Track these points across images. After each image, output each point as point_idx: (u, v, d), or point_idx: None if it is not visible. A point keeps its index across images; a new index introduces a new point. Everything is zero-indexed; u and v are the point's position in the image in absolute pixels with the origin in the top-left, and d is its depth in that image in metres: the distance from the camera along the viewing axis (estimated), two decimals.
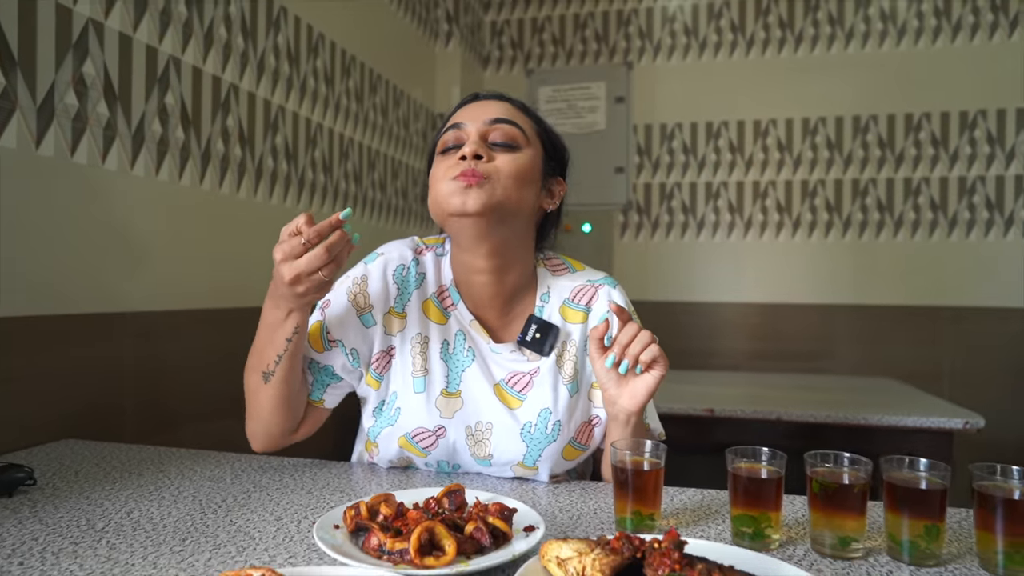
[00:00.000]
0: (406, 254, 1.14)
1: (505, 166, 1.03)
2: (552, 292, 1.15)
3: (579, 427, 1.11)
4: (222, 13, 1.80)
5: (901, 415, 1.88)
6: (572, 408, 1.10)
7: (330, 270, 0.91)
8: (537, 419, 1.07)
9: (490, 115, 1.07)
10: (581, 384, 1.12)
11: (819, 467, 0.84)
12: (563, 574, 0.67)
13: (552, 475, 1.10)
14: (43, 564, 0.73)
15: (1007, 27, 3.06)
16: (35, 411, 1.31)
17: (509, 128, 1.07)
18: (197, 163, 1.72)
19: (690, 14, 3.45)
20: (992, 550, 0.77)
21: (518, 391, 1.10)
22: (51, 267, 1.35)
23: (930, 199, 3.16)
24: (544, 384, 1.09)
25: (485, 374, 1.10)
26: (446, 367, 1.10)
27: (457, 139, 1.07)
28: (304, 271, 0.90)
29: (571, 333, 1.13)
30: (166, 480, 1.06)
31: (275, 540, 0.82)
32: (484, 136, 1.05)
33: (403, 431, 1.08)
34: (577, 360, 1.12)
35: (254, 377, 1.04)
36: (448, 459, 1.10)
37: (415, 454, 1.09)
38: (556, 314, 1.13)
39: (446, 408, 1.08)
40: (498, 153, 1.05)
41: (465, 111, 1.11)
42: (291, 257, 0.90)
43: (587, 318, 1.14)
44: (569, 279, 1.17)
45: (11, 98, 1.26)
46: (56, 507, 0.92)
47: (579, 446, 1.11)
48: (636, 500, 0.87)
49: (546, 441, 1.07)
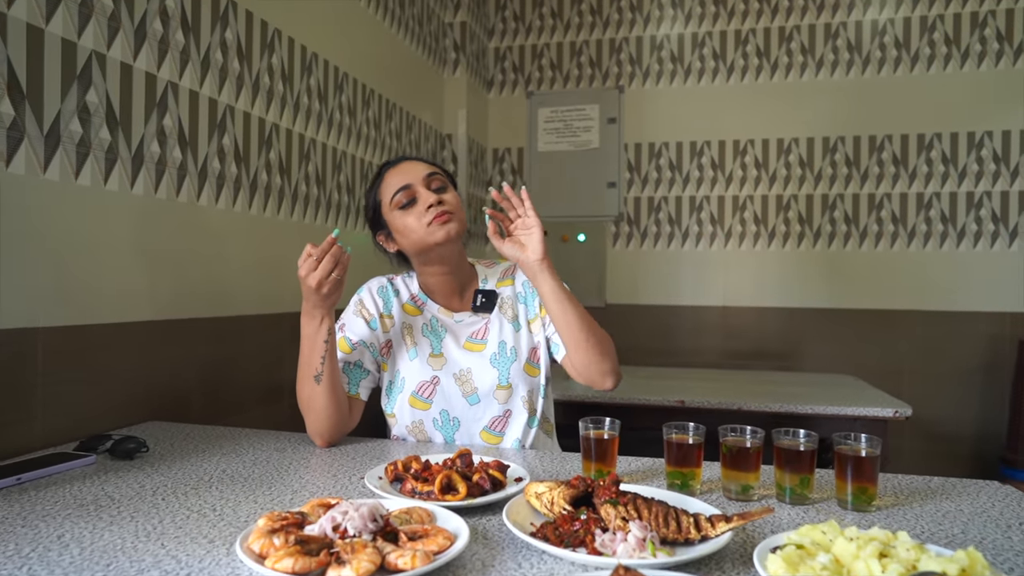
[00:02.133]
0: (383, 280, 1.58)
1: (453, 200, 1.46)
2: (489, 277, 1.60)
3: (529, 350, 1.52)
4: (267, 63, 2.12)
5: (843, 405, 2.20)
6: (521, 338, 1.52)
7: (339, 271, 1.29)
8: (498, 349, 1.50)
9: (422, 171, 1.47)
10: (520, 321, 1.54)
11: (728, 436, 1.16)
12: (539, 504, 0.98)
13: (528, 401, 1.48)
14: (176, 502, 1.05)
15: (959, 59, 3.37)
16: (128, 398, 1.63)
17: (440, 176, 1.49)
18: (233, 188, 2.05)
19: (676, 43, 3.77)
20: (845, 493, 1.08)
21: (479, 339, 1.52)
22: (140, 280, 1.67)
23: (891, 213, 3.48)
24: (495, 328, 1.52)
25: (455, 339, 1.52)
26: (428, 339, 1.52)
27: (409, 195, 1.44)
28: (322, 277, 1.27)
29: (505, 292, 1.56)
30: (241, 449, 1.38)
31: (336, 487, 1.14)
32: (428, 186, 1.45)
33: (409, 391, 1.47)
34: (513, 306, 1.54)
35: (307, 385, 1.37)
36: (447, 407, 1.47)
37: (422, 408, 1.47)
38: (495, 287, 1.57)
39: (435, 364, 1.50)
40: (441, 195, 1.45)
41: (398, 174, 1.48)
42: (310, 271, 1.27)
43: (514, 282, 1.58)
44: (498, 267, 1.62)
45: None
46: (169, 467, 1.24)
47: (535, 364, 1.52)
48: (597, 461, 1.19)
49: (510, 361, 1.49)
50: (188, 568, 0.80)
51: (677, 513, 0.89)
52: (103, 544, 0.86)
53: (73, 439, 1.43)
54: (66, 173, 1.47)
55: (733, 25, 3.68)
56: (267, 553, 0.77)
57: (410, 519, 0.90)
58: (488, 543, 0.90)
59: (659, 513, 0.89)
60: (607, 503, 0.91)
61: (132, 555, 0.83)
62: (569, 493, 0.97)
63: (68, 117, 1.48)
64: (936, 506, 1.08)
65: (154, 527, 0.93)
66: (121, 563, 0.81)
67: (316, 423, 1.40)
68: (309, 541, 0.79)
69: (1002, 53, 3.33)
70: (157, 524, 0.94)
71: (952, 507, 1.07)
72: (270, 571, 0.74)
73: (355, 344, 1.48)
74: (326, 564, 0.76)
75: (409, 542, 0.82)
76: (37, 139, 1.41)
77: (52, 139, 1.44)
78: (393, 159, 1.55)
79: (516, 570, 0.81)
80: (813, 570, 0.75)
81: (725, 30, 3.69)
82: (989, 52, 3.34)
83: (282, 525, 0.83)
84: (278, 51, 2.21)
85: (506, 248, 1.39)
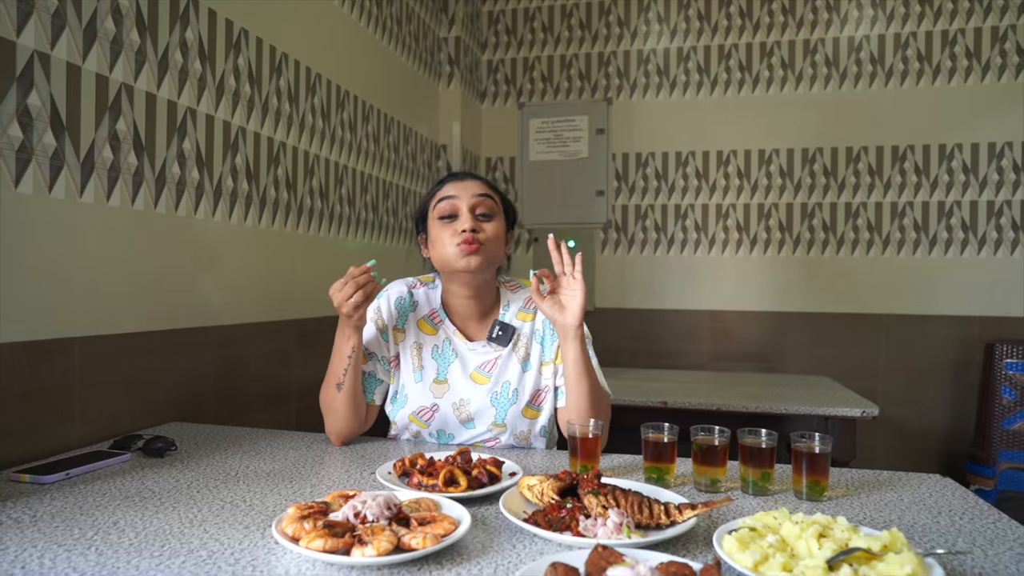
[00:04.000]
0: (403, 289, 1.60)
1: (492, 232, 1.47)
2: (511, 303, 1.59)
3: (533, 393, 1.54)
4: (275, 85, 2.26)
5: (815, 406, 2.35)
6: (526, 380, 1.54)
7: (358, 297, 1.37)
8: (501, 388, 1.53)
9: (474, 191, 1.48)
10: (532, 363, 1.55)
11: (699, 435, 1.30)
12: (531, 494, 1.12)
13: (520, 436, 1.55)
14: (210, 494, 1.18)
15: (931, 75, 3.53)
16: (152, 401, 1.76)
17: (489, 202, 1.49)
18: (244, 204, 2.18)
19: (662, 57, 3.91)
20: (800, 485, 1.23)
21: (486, 371, 1.54)
22: (174, 291, 1.80)
23: (867, 221, 3.64)
24: (505, 365, 1.54)
25: (464, 366, 1.55)
26: (436, 363, 1.56)
27: (453, 208, 1.46)
28: (342, 300, 1.37)
29: (524, 328, 1.57)
30: (259, 448, 1.51)
31: (350, 481, 1.28)
32: (473, 208, 1.46)
33: (410, 410, 1.55)
34: (528, 345, 1.55)
35: (330, 391, 1.49)
36: (444, 429, 1.56)
37: (420, 426, 1.57)
38: (515, 318, 1.58)
39: (437, 391, 1.54)
40: (483, 223, 1.47)
41: (453, 186, 1.51)
42: (336, 291, 1.38)
43: (534, 317, 1.58)
44: (522, 292, 1.61)
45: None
46: (197, 463, 1.38)
47: (535, 407, 1.55)
48: (583, 458, 1.33)
49: (509, 403, 1.52)
50: (231, 549, 0.93)
51: (650, 502, 1.04)
52: (154, 529, 1.00)
53: (106, 439, 1.56)
54: (99, 196, 1.60)
55: (717, 40, 3.83)
56: (299, 536, 0.91)
57: (419, 508, 1.05)
58: (487, 528, 1.04)
59: (634, 502, 1.03)
60: (590, 493, 1.05)
61: (181, 538, 0.97)
62: (557, 485, 1.11)
63: (100, 145, 1.60)
64: (880, 496, 1.23)
65: (194, 515, 1.06)
66: (173, 545, 0.94)
67: (334, 424, 1.52)
68: (335, 525, 0.93)
69: (971, 70, 3.49)
70: (196, 513, 1.08)
71: (894, 497, 1.22)
72: (305, 549, 0.88)
73: (369, 354, 1.55)
74: (350, 544, 0.89)
75: (419, 526, 0.96)
76: (75, 166, 1.54)
77: (87, 165, 1.57)
78: (461, 172, 1.55)
79: (511, 550, 0.95)
80: (761, 548, 0.89)
81: (709, 45, 3.84)
82: (959, 68, 3.50)
83: (309, 512, 0.96)
84: (285, 73, 2.34)
85: (545, 306, 1.40)
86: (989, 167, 3.47)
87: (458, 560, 0.91)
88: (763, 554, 0.87)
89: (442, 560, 0.91)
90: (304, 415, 2.35)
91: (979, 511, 1.14)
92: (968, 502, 1.19)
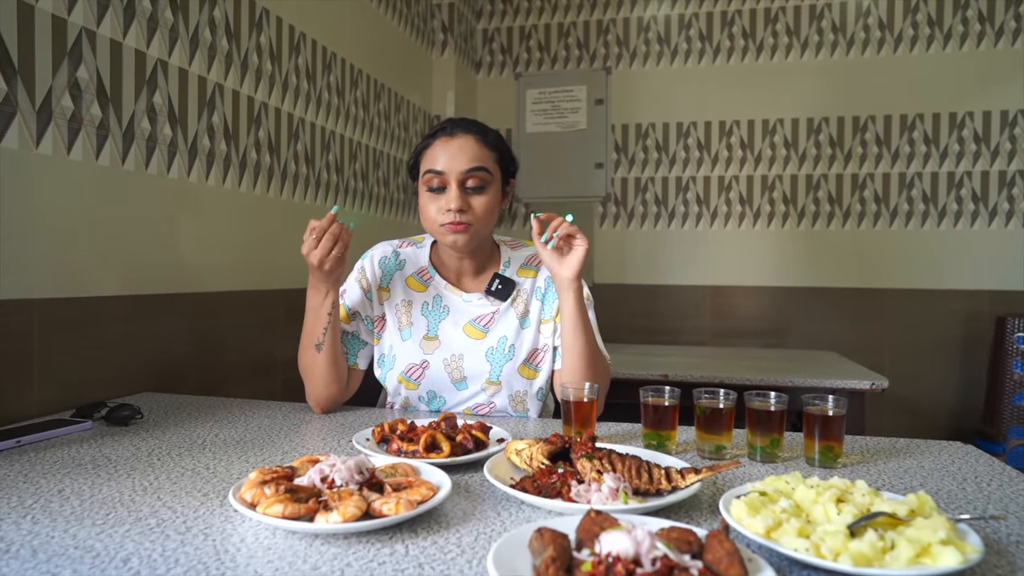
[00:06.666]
0: (387, 249, 1.54)
1: (480, 208, 1.38)
2: (512, 260, 1.53)
3: (530, 351, 1.47)
4: (256, 42, 2.14)
5: (822, 378, 2.26)
6: (524, 336, 1.47)
7: (339, 248, 1.29)
8: (497, 344, 1.46)
9: (464, 164, 1.36)
10: (532, 320, 1.49)
11: (702, 399, 1.21)
12: (519, 460, 1.03)
13: (516, 398, 1.47)
14: (171, 462, 1.09)
15: (941, 40, 3.41)
16: (122, 369, 1.67)
17: (481, 173, 1.37)
18: (223, 166, 2.07)
19: (663, 24, 3.79)
20: (812, 451, 1.14)
21: (482, 326, 1.48)
22: (147, 254, 1.70)
23: (874, 193, 3.53)
24: (502, 320, 1.48)
25: (457, 320, 1.48)
26: (426, 320, 1.49)
27: (440, 182, 1.37)
28: (323, 255, 1.29)
29: (525, 284, 1.50)
30: (234, 416, 1.42)
31: (324, 448, 1.18)
32: (462, 183, 1.36)
33: (399, 370, 1.47)
34: (527, 301, 1.49)
35: (308, 353, 1.40)
36: (435, 389, 1.48)
37: (409, 388, 1.48)
38: (516, 274, 1.51)
39: (427, 347, 1.48)
40: (473, 197, 1.38)
41: (444, 150, 1.37)
42: (311, 249, 1.29)
43: (536, 274, 1.52)
44: (524, 250, 1.55)
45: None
46: (163, 432, 1.28)
47: (532, 367, 1.48)
48: (577, 423, 1.24)
49: (505, 359, 1.45)
50: (184, 517, 0.84)
51: (649, 466, 0.94)
52: (102, 497, 0.90)
53: (69, 408, 1.47)
54: (58, 148, 1.50)
55: (719, 6, 3.70)
56: (258, 501, 0.81)
57: (395, 473, 0.95)
58: (470, 496, 0.94)
59: (632, 466, 0.94)
60: (583, 457, 0.96)
61: (130, 506, 0.87)
62: (547, 449, 1.01)
63: (59, 93, 1.50)
64: (899, 463, 1.13)
65: (150, 483, 0.97)
66: (120, 513, 0.85)
67: (314, 389, 1.43)
68: (298, 490, 0.83)
69: (984, 34, 3.37)
70: (153, 480, 0.98)
71: (914, 464, 1.13)
72: (260, 515, 0.78)
73: (352, 314, 1.49)
74: (315, 510, 0.80)
75: (394, 492, 0.86)
76: (29, 114, 1.43)
77: (44, 114, 1.46)
78: (454, 125, 1.40)
79: (496, 518, 0.86)
80: (773, 513, 0.80)
81: (712, 11, 3.72)
82: (971, 33, 3.38)
83: (272, 477, 0.87)
84: (266, 30, 2.23)
85: (545, 254, 1.34)
86: (1001, 136, 3.36)
87: (435, 528, 0.82)
88: (776, 519, 0.77)
89: (417, 528, 0.82)
90: (291, 387, 2.24)
91: (1007, 477, 1.05)
92: (995, 468, 1.10)
